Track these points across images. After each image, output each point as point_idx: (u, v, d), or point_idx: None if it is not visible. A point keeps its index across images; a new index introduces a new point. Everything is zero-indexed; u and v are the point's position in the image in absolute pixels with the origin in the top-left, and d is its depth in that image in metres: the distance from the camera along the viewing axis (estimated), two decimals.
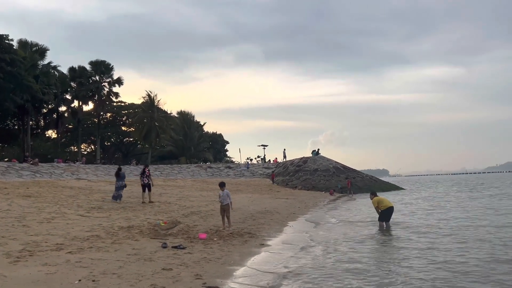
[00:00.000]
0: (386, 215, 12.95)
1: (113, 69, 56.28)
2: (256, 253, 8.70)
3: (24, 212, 12.03)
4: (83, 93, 53.47)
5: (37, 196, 16.66)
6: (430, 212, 16.96)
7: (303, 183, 38.44)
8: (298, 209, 19.48)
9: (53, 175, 30.93)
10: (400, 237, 10.81)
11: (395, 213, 13.80)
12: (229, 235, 10.44)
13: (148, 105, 60.08)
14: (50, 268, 6.24)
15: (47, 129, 55.23)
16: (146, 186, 17.80)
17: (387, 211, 12.96)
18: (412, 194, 32.51)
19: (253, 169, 49.90)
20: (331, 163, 42.92)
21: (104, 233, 9.62)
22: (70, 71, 53.53)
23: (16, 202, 14.34)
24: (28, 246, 7.67)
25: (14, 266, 6.24)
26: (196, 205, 17.73)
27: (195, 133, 71.00)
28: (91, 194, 19.63)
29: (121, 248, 8.06)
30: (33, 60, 42.80)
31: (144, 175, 18.03)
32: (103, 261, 6.90)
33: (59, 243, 8.08)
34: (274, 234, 11.45)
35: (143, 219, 12.42)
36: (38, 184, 22.49)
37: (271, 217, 15.35)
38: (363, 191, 35.95)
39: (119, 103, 65.97)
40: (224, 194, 11.51)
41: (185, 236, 9.92)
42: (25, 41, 45.58)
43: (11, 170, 28.77)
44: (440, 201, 23.42)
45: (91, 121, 63.39)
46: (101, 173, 37.66)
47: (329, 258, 8.27)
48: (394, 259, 8.13)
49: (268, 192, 31.00)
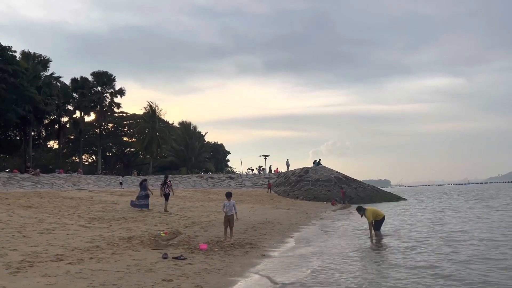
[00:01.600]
0: (380, 224, 13.13)
1: (115, 80, 56.65)
2: (257, 264, 8.63)
3: (25, 223, 11.99)
4: (85, 104, 53.72)
5: (38, 207, 16.63)
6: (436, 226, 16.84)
7: (304, 194, 38.32)
8: (299, 220, 19.38)
9: (54, 186, 30.92)
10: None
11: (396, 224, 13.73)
12: (230, 246, 10.37)
13: (149, 116, 60.28)
14: (50, 279, 6.19)
15: (48, 140, 55.38)
16: (166, 195, 19.48)
17: (381, 221, 13.12)
18: (417, 205, 32.32)
19: (254, 179, 49.82)
20: (332, 173, 42.83)
21: (105, 243, 9.57)
22: (72, 82, 53.86)
23: (17, 212, 14.30)
24: (28, 257, 7.62)
25: (13, 277, 6.20)
26: (197, 216, 17.66)
27: (196, 143, 71.05)
28: (92, 204, 19.58)
29: (122, 259, 8.01)
30: (36, 71, 43.09)
31: (166, 185, 19.71)
32: (103, 272, 6.86)
33: (59, 254, 8.03)
34: (275, 245, 11.37)
35: (144, 229, 12.37)
36: (39, 195, 22.46)
37: (273, 228, 15.26)
38: (364, 201, 35.74)
39: (121, 113, 66.26)
40: (230, 205, 11.40)
41: (186, 246, 9.86)
42: (28, 52, 45.94)
43: (12, 181, 28.77)
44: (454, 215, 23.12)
45: (92, 132, 63.58)
46: (102, 184, 37.63)
47: (328, 271, 8.19)
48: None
49: (269, 202, 30.89)
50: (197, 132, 74.54)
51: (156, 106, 61.05)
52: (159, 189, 20.39)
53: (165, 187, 19.69)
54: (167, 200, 19.51)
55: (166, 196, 19.52)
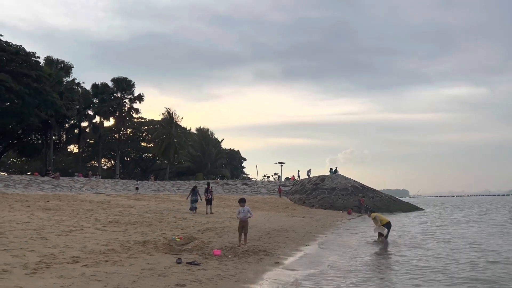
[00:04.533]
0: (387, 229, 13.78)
1: (134, 86, 57.62)
2: (269, 271, 8.57)
3: (43, 225, 12.22)
4: (105, 109, 54.73)
5: (57, 209, 16.94)
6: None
7: (320, 202, 38.00)
8: (315, 228, 19.21)
9: (73, 189, 31.49)
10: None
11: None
12: (244, 252, 10.34)
13: (167, 122, 61.00)
14: (65, 281, 6.28)
15: (69, 144, 56.53)
16: (208, 200, 22.12)
17: (387, 225, 13.75)
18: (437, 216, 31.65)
19: (269, 186, 49.70)
20: (349, 182, 42.37)
21: (120, 247, 9.66)
22: (93, 87, 54.99)
23: (36, 214, 14.60)
24: (45, 258, 7.75)
25: (30, 278, 6.31)
26: (211, 221, 17.69)
27: (213, 149, 71.45)
28: (109, 208, 19.84)
29: (136, 263, 8.07)
30: (58, 76, 44.17)
31: (208, 192, 22.35)
32: (118, 275, 6.91)
33: (75, 256, 8.14)
34: (289, 253, 11.28)
35: (159, 234, 12.45)
36: (58, 198, 22.91)
37: (287, 236, 15.16)
38: (381, 211, 35.18)
39: (139, 119, 67.22)
40: (245, 211, 11.37)
41: (200, 252, 9.87)
42: (51, 58, 47.20)
43: (33, 183, 29.44)
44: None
45: (111, 137, 64.61)
46: (120, 188, 38.14)
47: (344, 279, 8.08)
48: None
49: (284, 210, 30.74)
50: (214, 138, 75.01)
51: (174, 112, 61.85)
52: (203, 195, 22.78)
53: (208, 193, 22.35)
54: (210, 204, 22.14)
55: (208, 200, 22.16)
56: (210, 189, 22.69)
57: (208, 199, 22.23)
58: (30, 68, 37.12)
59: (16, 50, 36.98)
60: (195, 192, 22.28)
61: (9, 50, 36.55)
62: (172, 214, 19.47)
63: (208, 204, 22.16)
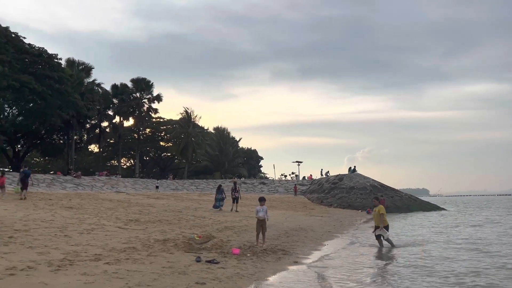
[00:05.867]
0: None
1: (153, 86, 58.32)
2: (287, 270, 8.56)
3: (66, 223, 12.50)
4: (124, 109, 55.58)
5: (79, 208, 17.30)
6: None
7: (338, 201, 37.69)
8: (333, 228, 19.07)
9: (94, 188, 32.10)
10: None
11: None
12: (263, 251, 10.34)
13: (185, 121, 61.52)
14: (88, 278, 6.41)
15: (89, 144, 57.67)
16: (235, 198, 23.26)
17: (386, 228, 12.46)
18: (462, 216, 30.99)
19: (287, 185, 49.60)
20: (368, 181, 41.88)
21: (141, 245, 9.80)
22: (113, 88, 55.91)
23: (59, 213, 14.94)
24: (68, 255, 7.92)
25: (54, 275, 6.46)
26: (230, 220, 17.76)
27: (230, 148, 71.71)
28: (129, 207, 20.14)
29: (156, 261, 8.17)
30: (80, 78, 45.11)
31: (235, 190, 23.51)
32: (139, 273, 7.02)
33: (97, 254, 8.29)
34: (308, 252, 11.23)
35: (178, 232, 12.57)
36: (80, 196, 23.39)
37: (305, 235, 15.10)
38: (401, 211, 34.75)
39: (158, 119, 67.99)
40: (264, 210, 11.35)
41: (219, 250, 9.93)
42: (72, 60, 48.26)
43: (56, 182, 30.15)
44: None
45: (131, 136, 65.57)
46: (139, 187, 38.69)
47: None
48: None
49: (302, 209, 30.62)
50: (231, 138, 75.28)
51: (192, 112, 62.33)
52: (229, 194, 24.02)
53: (234, 192, 23.48)
54: (237, 203, 23.12)
55: (235, 199, 23.24)
56: (237, 188, 23.83)
57: (235, 197, 23.29)
58: (53, 69, 38.02)
59: (39, 53, 37.93)
60: (221, 190, 23.24)
61: (32, 52, 37.51)
62: (191, 213, 19.64)
63: (234, 202, 23.17)
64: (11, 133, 38.88)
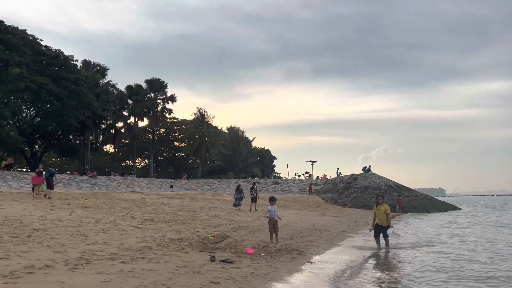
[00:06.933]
0: (380, 232, 12.12)
1: (167, 86, 58.77)
2: (302, 270, 8.52)
3: (83, 222, 12.67)
4: (139, 110, 56.16)
5: (95, 207, 17.53)
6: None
7: (353, 201, 37.39)
8: (348, 228, 18.91)
9: (110, 188, 32.48)
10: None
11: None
12: (277, 251, 10.31)
13: (199, 121, 61.83)
14: (104, 277, 6.47)
15: (105, 144, 58.42)
16: (253, 198, 24.31)
17: (384, 228, 12.07)
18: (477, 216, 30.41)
19: (300, 185, 49.43)
20: (382, 180, 41.46)
21: (156, 244, 9.87)
22: (127, 89, 56.54)
23: (75, 212, 15.16)
24: (85, 254, 8.02)
25: (72, 273, 6.55)
26: (244, 220, 17.78)
27: (244, 148, 71.83)
28: (144, 206, 20.32)
29: (171, 260, 8.21)
30: (95, 79, 45.76)
31: (253, 190, 24.69)
32: (154, 272, 7.06)
33: (113, 253, 8.37)
34: (322, 252, 11.16)
35: (193, 232, 12.62)
36: (96, 196, 23.71)
37: (320, 235, 15.01)
38: (417, 210, 34.32)
39: (172, 119, 68.50)
40: (275, 209, 11.37)
41: (233, 250, 9.93)
42: (88, 61, 48.97)
43: (72, 182, 30.62)
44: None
45: (145, 137, 66.20)
46: (154, 187, 39.02)
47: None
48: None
49: (316, 209, 30.47)
50: (245, 137, 75.42)
51: (205, 112, 62.64)
52: (248, 193, 25.55)
53: (253, 192, 24.63)
54: (255, 202, 24.04)
55: (253, 198, 24.29)
56: (255, 188, 24.90)
57: (253, 197, 24.34)
58: (69, 71, 38.65)
59: (55, 54, 38.59)
60: (240, 190, 24.35)
61: (49, 54, 38.19)
62: (205, 212, 19.73)
63: (253, 201, 24.06)
64: (28, 134, 39.65)
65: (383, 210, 12.08)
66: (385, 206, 12.21)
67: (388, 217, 12.11)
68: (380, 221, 12.12)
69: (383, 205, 12.22)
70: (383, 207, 12.14)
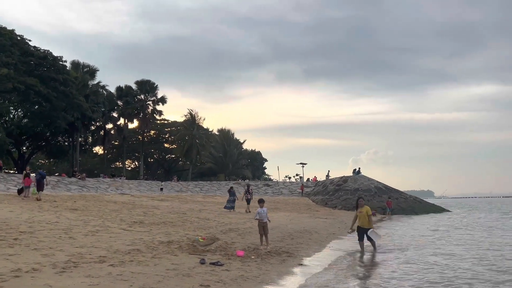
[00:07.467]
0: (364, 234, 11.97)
1: (157, 88, 58.41)
2: (293, 273, 8.53)
3: (71, 225, 12.53)
4: (129, 111, 55.73)
5: (83, 210, 17.35)
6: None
7: (343, 203, 37.56)
8: (338, 230, 18.99)
9: (99, 190, 32.17)
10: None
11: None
12: (267, 253, 10.32)
13: (189, 123, 61.58)
14: (93, 280, 6.41)
15: (94, 145, 57.90)
16: (248, 200, 24.75)
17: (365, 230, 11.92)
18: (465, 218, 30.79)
19: (291, 187, 49.52)
20: (372, 182, 41.74)
21: (145, 247, 9.80)
22: (117, 90, 56.08)
23: (64, 214, 14.99)
24: (73, 257, 7.93)
25: (59, 277, 6.47)
26: (234, 222, 17.75)
27: (235, 150, 71.72)
28: (133, 209, 20.17)
29: (161, 263, 8.16)
30: (84, 80, 45.34)
31: (248, 192, 25.22)
32: (143, 275, 7.01)
33: (102, 256, 8.30)
34: (312, 254, 11.20)
35: (183, 234, 12.57)
36: (85, 198, 23.47)
37: (310, 237, 15.05)
38: (406, 213, 34.62)
39: (162, 121, 68.09)
40: (264, 211, 11.38)
41: (223, 253, 9.91)
42: (77, 62, 48.49)
43: (61, 184, 30.24)
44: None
45: (135, 138, 65.71)
46: (144, 189, 38.75)
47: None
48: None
49: (306, 211, 30.54)
50: (236, 140, 75.31)
51: (196, 114, 62.38)
52: (243, 195, 26.03)
53: (247, 194, 25.15)
54: (249, 204, 24.44)
55: (248, 200, 24.83)
56: (250, 190, 25.51)
57: (248, 199, 24.83)
58: (58, 72, 38.24)
59: (44, 55, 38.16)
60: (232, 192, 24.60)
61: (38, 55, 37.76)
62: (195, 215, 19.65)
63: (249, 203, 24.56)
64: (16, 135, 39.11)
65: (365, 212, 11.96)
66: (367, 208, 12.10)
67: (370, 218, 12.09)
68: (362, 223, 12.00)
69: (364, 207, 12.10)
70: (365, 209, 12.02)
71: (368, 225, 11.92)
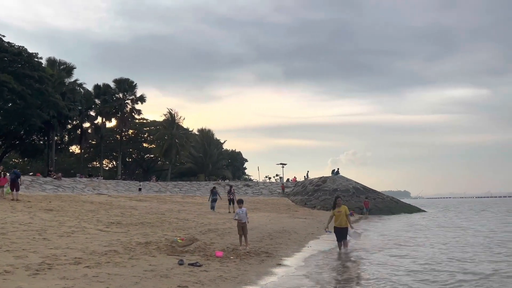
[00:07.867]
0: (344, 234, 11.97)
1: (136, 87, 57.68)
2: (272, 273, 8.57)
3: (46, 226, 12.23)
4: (107, 110, 54.83)
5: (59, 210, 16.96)
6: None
7: (321, 203, 37.92)
8: (316, 230, 19.15)
9: (75, 190, 31.53)
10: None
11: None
12: (246, 254, 10.33)
13: (169, 123, 61.03)
14: (67, 282, 6.28)
15: (71, 145, 56.66)
16: (231, 200, 24.57)
17: (344, 230, 11.94)
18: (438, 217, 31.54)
19: (271, 187, 49.71)
20: (350, 183, 42.32)
21: (122, 248, 9.66)
22: (95, 88, 55.10)
23: (38, 215, 14.62)
24: (47, 259, 7.75)
25: (32, 279, 6.31)
26: (213, 223, 17.69)
27: (215, 150, 71.44)
28: (111, 209, 19.86)
29: (138, 264, 8.07)
30: (61, 77, 44.33)
31: (230, 193, 25.12)
32: (120, 277, 6.91)
33: (77, 257, 8.14)
34: (291, 254, 11.27)
35: (161, 235, 12.45)
36: (60, 198, 22.95)
37: (289, 237, 15.15)
38: (383, 213, 35.21)
39: (141, 120, 67.29)
40: (243, 212, 11.40)
41: (202, 253, 9.87)
42: (53, 59, 47.39)
43: (35, 184, 29.49)
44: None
45: (113, 137, 64.71)
46: (122, 189, 38.19)
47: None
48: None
49: (286, 211, 30.71)
50: (216, 140, 75.04)
51: (176, 113, 61.88)
52: (226, 195, 25.87)
53: (230, 194, 25.04)
54: (232, 204, 24.10)
55: (230, 201, 24.64)
56: (232, 191, 25.53)
57: (230, 199, 24.76)
58: (33, 69, 37.25)
59: (18, 51, 37.13)
60: (214, 192, 24.79)
61: (12, 51, 36.69)
62: (174, 215, 19.48)
63: (230, 204, 24.44)
64: None
65: (343, 212, 11.92)
66: (345, 208, 12.10)
67: (349, 218, 12.14)
68: (340, 223, 11.94)
69: (342, 207, 12.07)
70: (343, 209, 11.98)
71: (345, 224, 12.01)
